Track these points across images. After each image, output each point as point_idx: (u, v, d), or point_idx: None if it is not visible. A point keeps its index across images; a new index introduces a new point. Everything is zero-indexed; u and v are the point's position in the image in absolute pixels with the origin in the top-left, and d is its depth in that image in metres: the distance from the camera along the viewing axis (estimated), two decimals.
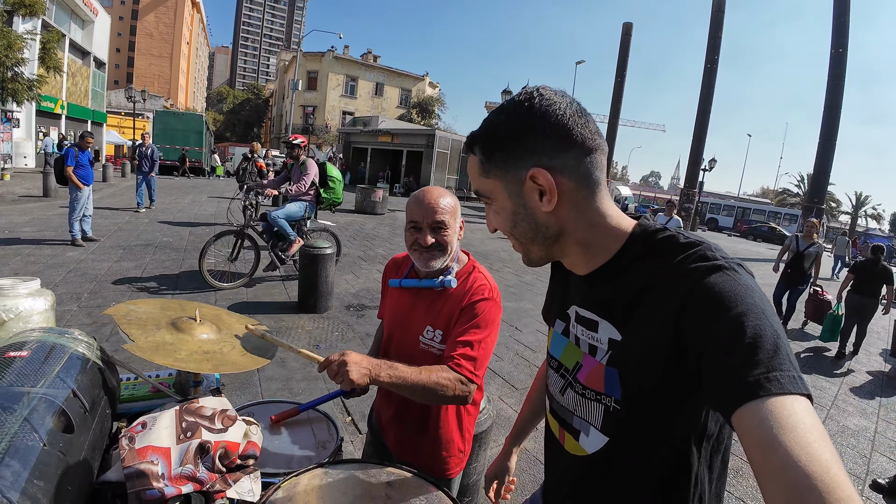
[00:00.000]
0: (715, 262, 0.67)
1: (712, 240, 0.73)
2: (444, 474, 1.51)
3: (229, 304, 5.16)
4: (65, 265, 5.99)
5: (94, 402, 1.06)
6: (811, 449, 0.48)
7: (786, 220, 33.79)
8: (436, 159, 25.52)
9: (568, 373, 0.88)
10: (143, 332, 1.20)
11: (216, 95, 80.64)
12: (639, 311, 0.73)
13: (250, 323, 1.49)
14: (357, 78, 43.72)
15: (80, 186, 7.04)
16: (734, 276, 0.64)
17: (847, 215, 54.36)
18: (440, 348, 1.40)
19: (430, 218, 1.34)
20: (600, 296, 0.81)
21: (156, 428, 1.05)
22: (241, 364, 1.20)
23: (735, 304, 0.61)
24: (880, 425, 4.18)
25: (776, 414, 0.51)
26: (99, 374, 1.13)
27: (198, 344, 1.21)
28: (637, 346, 0.72)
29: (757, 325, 0.58)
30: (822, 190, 19.15)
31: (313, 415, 1.55)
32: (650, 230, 0.77)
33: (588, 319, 0.83)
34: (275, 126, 54.55)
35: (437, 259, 1.37)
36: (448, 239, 1.37)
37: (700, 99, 23.51)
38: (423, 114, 45.94)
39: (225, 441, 1.07)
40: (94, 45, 26.14)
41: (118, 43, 69.27)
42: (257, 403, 1.56)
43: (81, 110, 24.98)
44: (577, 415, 0.85)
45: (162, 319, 1.28)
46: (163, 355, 1.11)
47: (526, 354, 4.78)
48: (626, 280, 0.76)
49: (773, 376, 0.54)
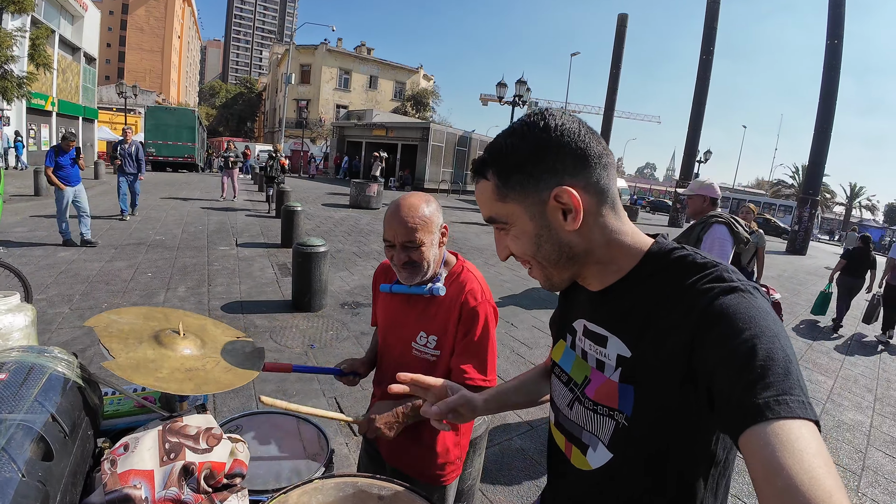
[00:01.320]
0: (731, 283, 0.67)
1: None
2: (439, 481, 1.50)
3: (222, 304, 5.13)
4: (56, 266, 5.94)
5: (75, 425, 1.03)
6: (815, 474, 0.48)
7: (780, 212, 33.97)
8: (431, 152, 25.45)
9: (577, 387, 0.87)
10: (125, 346, 1.17)
11: (208, 90, 79.91)
12: (652, 329, 0.72)
13: (236, 335, 1.47)
14: (351, 71, 43.43)
15: (61, 187, 6.98)
16: (749, 299, 0.64)
17: (842, 206, 54.63)
18: (434, 354, 1.39)
19: (400, 237, 1.30)
20: (612, 312, 0.81)
21: (138, 450, 1.03)
22: (226, 382, 1.17)
23: (748, 325, 0.60)
24: (875, 419, 4.20)
25: (783, 437, 0.51)
26: (79, 393, 1.10)
27: (180, 360, 1.18)
28: (651, 364, 0.72)
29: (769, 348, 0.58)
30: (817, 181, 19.14)
31: (303, 426, 1.52)
32: (666, 249, 0.78)
33: (597, 334, 0.83)
34: (268, 120, 54.21)
35: (415, 276, 1.35)
36: (422, 256, 1.32)
37: (695, 90, 23.47)
38: (418, 107, 45.72)
39: (210, 461, 1.05)
40: (84, 40, 25.79)
41: (108, 38, 68.38)
42: (246, 415, 1.53)
43: (72, 107, 24.69)
44: (587, 429, 0.83)
45: (144, 332, 1.25)
46: (143, 374, 1.08)
47: (521, 351, 4.77)
48: (639, 297, 0.76)
49: (782, 399, 0.54)
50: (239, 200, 14.56)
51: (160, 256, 6.86)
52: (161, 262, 6.55)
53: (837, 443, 3.68)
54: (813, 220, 19.02)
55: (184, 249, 7.41)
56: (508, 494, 2.64)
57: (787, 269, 13.75)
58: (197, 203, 12.94)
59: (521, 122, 0.78)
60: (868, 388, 4.96)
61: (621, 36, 25.82)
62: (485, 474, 2.71)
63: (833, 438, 3.73)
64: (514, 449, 3.07)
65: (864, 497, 3.02)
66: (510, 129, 0.78)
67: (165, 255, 6.94)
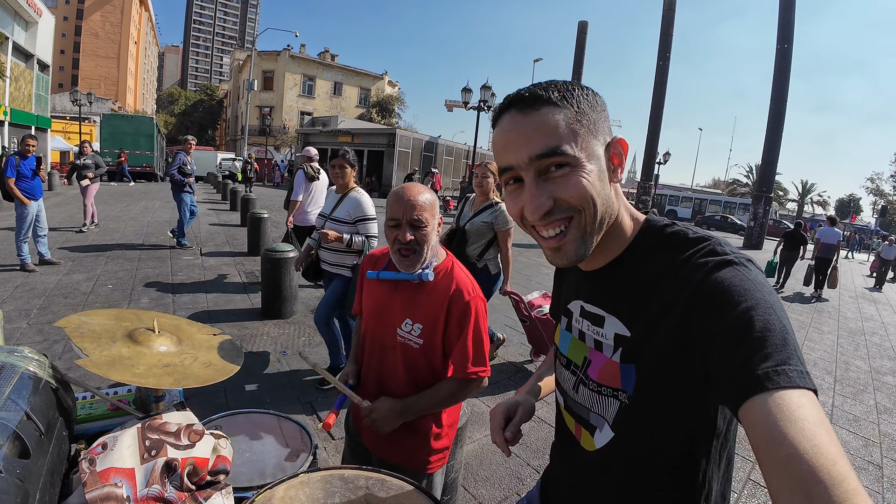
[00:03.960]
0: (725, 256, 0.67)
1: None
2: (424, 468, 1.50)
3: (189, 314, 4.99)
4: (11, 280, 5.65)
5: (50, 425, 1.00)
6: (818, 441, 0.48)
7: (740, 210, 35.36)
8: (398, 158, 25.43)
9: (578, 369, 0.87)
10: (98, 345, 1.14)
11: (167, 97, 77.67)
12: (649, 307, 0.72)
13: (215, 332, 1.44)
14: (315, 77, 42.97)
15: (25, 202, 6.03)
16: (744, 271, 0.64)
17: (794, 203, 57.23)
18: (417, 342, 1.41)
19: (408, 215, 1.35)
20: (608, 291, 0.80)
21: (117, 448, 1.00)
22: (205, 377, 1.15)
23: (744, 298, 0.60)
24: (837, 399, 4.44)
25: (784, 407, 0.51)
26: (52, 393, 1.06)
27: (157, 357, 1.16)
28: (650, 342, 0.71)
29: (766, 318, 0.58)
30: (770, 179, 20.06)
31: (284, 423, 1.51)
32: (659, 225, 0.77)
33: (594, 314, 0.82)
34: (230, 128, 53.00)
35: (415, 263, 1.39)
36: (426, 238, 1.38)
37: (654, 95, 24.20)
38: (384, 113, 45.60)
39: (193, 457, 1.03)
40: (38, 46, 24.59)
41: (62, 44, 65.58)
42: (225, 415, 1.50)
43: (25, 116, 23.50)
44: (594, 411, 0.83)
45: (117, 332, 1.22)
46: (120, 371, 1.06)
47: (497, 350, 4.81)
48: (634, 275, 0.76)
49: (781, 370, 0.54)
50: (93, 231, 9.20)
51: (121, 267, 6.61)
52: (122, 274, 6.31)
53: None
54: (767, 216, 19.85)
55: (145, 260, 7.15)
56: (490, 488, 2.66)
57: None
58: (158, 213, 12.53)
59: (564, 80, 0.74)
60: (828, 371, 5.24)
61: (582, 43, 26.44)
62: (465, 469, 2.72)
63: None
64: (493, 444, 3.10)
65: (874, 496, 3.13)
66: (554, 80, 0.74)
67: (126, 267, 6.68)
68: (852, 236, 31.78)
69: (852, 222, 39.14)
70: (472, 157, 20.73)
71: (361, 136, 27.96)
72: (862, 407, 4.35)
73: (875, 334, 7.37)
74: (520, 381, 4.08)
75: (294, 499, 1.06)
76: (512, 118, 0.71)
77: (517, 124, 0.70)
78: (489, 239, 3.73)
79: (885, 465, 3.35)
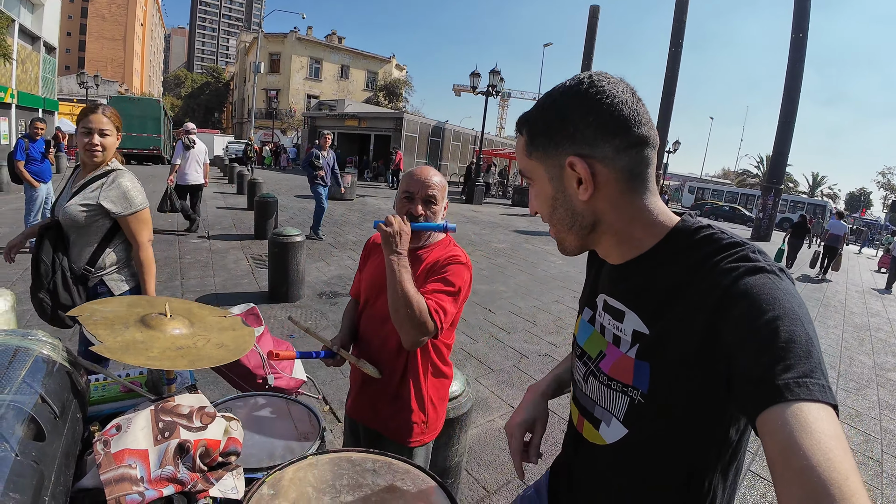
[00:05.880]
0: (756, 263, 0.66)
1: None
2: (405, 440, 1.53)
3: (197, 297, 5.03)
4: (21, 262, 5.67)
5: (64, 407, 1.02)
6: (832, 455, 0.48)
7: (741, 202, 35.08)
8: (405, 143, 25.30)
9: (591, 361, 0.88)
10: (111, 331, 1.15)
11: (173, 79, 77.40)
12: (673, 307, 0.71)
13: (225, 314, 1.46)
14: (321, 60, 42.65)
15: (35, 185, 6.04)
16: (774, 280, 0.64)
17: (805, 194, 56.74)
18: None
19: (423, 191, 1.47)
20: (631, 286, 0.80)
21: (131, 430, 1.02)
22: (218, 357, 1.17)
23: (772, 307, 0.60)
24: (840, 394, 4.44)
25: (801, 419, 0.51)
26: (67, 376, 1.08)
27: (170, 340, 1.17)
28: (670, 342, 0.71)
29: (792, 329, 0.57)
30: (781, 171, 19.80)
31: (293, 405, 1.53)
32: (692, 227, 0.76)
33: (615, 309, 0.83)
34: (237, 111, 52.89)
35: (420, 237, 1.49)
36: (435, 214, 1.49)
37: (665, 82, 23.86)
38: (391, 97, 45.28)
39: (205, 439, 1.05)
40: (44, 29, 24.53)
41: (69, 26, 65.16)
42: (236, 398, 1.53)
43: (32, 98, 23.53)
44: (600, 404, 0.84)
45: (130, 318, 1.23)
46: (134, 354, 1.07)
47: (500, 336, 4.84)
48: (660, 274, 0.75)
49: (802, 382, 0.53)
50: None
51: None
52: None
53: None
54: (776, 208, 19.64)
55: (155, 243, 7.16)
56: (493, 473, 2.70)
57: None
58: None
59: (564, 83, 0.78)
60: (831, 366, 5.23)
61: (593, 28, 26.04)
62: (469, 454, 2.76)
63: None
64: (497, 429, 3.13)
65: None
66: (553, 88, 0.79)
67: None
68: (861, 231, 31.56)
69: (862, 216, 38.63)
70: (480, 143, 20.59)
71: (368, 119, 27.82)
72: (864, 402, 4.35)
73: (880, 330, 7.34)
74: (524, 368, 4.11)
75: (303, 480, 1.08)
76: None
77: (516, 142, 0.88)
78: (105, 231, 2.28)
79: (886, 462, 3.36)
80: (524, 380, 3.88)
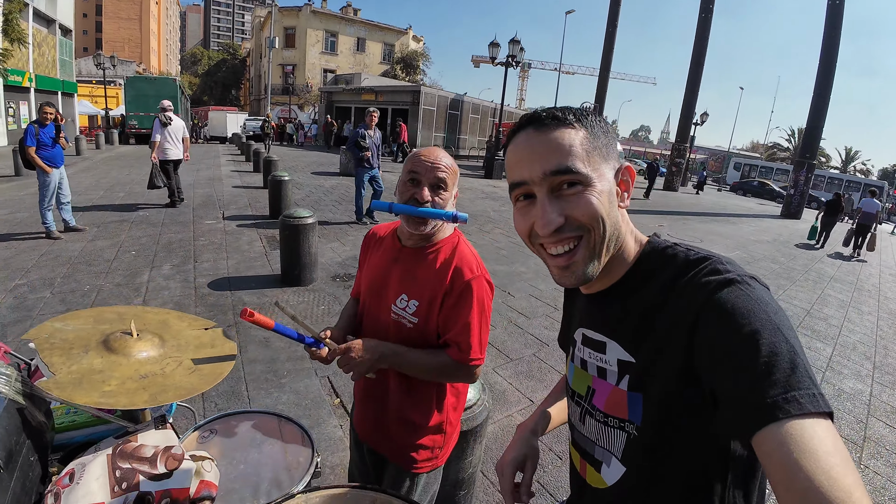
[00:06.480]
0: (727, 275, 0.64)
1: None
2: (409, 467, 1.36)
3: (209, 281, 4.97)
4: (37, 248, 5.71)
5: (11, 454, 0.88)
6: (833, 473, 0.47)
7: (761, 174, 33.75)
8: (422, 117, 24.88)
9: (583, 399, 0.84)
10: (67, 358, 1.01)
11: (190, 57, 77.29)
12: (652, 332, 0.70)
13: (207, 325, 1.31)
14: (337, 33, 42.00)
15: (46, 170, 5.98)
16: (747, 290, 0.62)
17: (836, 170, 54.54)
18: (412, 321, 1.28)
19: (431, 174, 1.25)
20: (608, 316, 0.78)
21: (85, 480, 0.89)
22: (188, 387, 1.02)
23: (748, 320, 0.58)
24: (875, 388, 4.15)
25: (797, 437, 0.50)
26: (18, 415, 0.94)
27: (134, 367, 1.03)
28: (654, 369, 0.68)
29: (772, 342, 0.56)
30: (815, 144, 18.75)
31: (285, 426, 1.39)
32: (661, 247, 0.76)
33: (595, 341, 0.80)
34: (254, 87, 52.70)
35: (426, 224, 1.27)
36: (444, 201, 1.27)
37: (693, 51, 22.81)
38: (408, 70, 44.46)
39: (169, 490, 0.91)
40: (59, 11, 24.51)
41: (84, 7, 65.10)
42: (222, 416, 1.39)
43: (51, 81, 23.71)
44: (599, 444, 0.80)
45: (93, 338, 1.09)
46: (86, 390, 0.93)
47: (520, 321, 4.67)
48: (635, 299, 0.74)
49: (791, 397, 0.52)
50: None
51: (144, 233, 6.64)
52: (145, 240, 6.34)
53: (838, 412, 3.62)
54: (808, 183, 18.72)
55: (169, 225, 7.17)
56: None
57: (781, 234, 13.69)
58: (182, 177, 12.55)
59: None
60: (866, 356, 4.91)
61: None
62: (485, 453, 2.62)
63: (833, 407, 3.68)
64: (514, 425, 2.99)
65: (867, 469, 2.97)
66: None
67: (150, 232, 6.71)
68: (894, 208, 30.26)
69: (894, 194, 36.78)
70: (500, 115, 20.08)
71: (385, 93, 27.36)
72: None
73: None
74: (545, 357, 3.94)
75: None
76: (528, 135, 0.73)
77: (532, 141, 0.73)
78: None
79: None
80: (544, 370, 3.72)
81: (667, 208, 16.07)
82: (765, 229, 14.19)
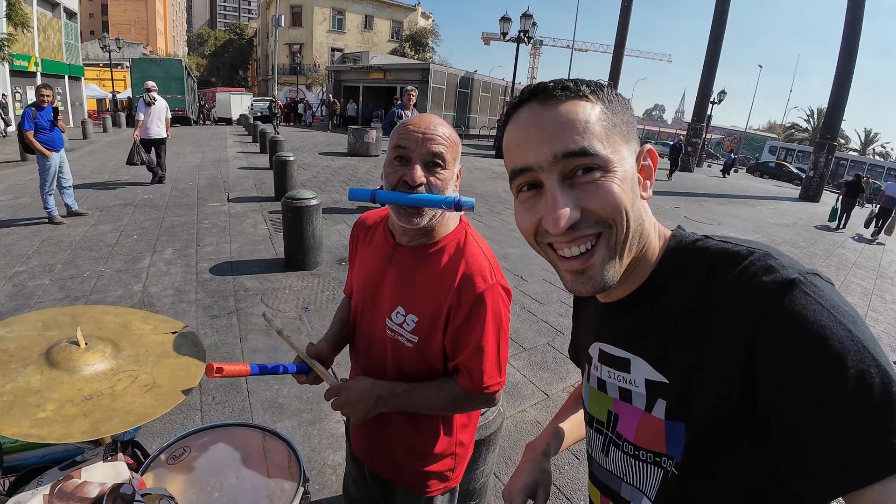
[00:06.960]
0: (783, 274, 0.51)
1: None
2: (422, 491, 1.18)
3: (211, 265, 4.83)
4: (39, 234, 5.61)
5: None
6: None
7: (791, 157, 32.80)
8: (432, 95, 24.47)
9: (604, 426, 0.71)
10: (3, 376, 0.84)
11: (196, 38, 76.68)
12: (688, 346, 0.57)
13: (176, 328, 1.14)
14: (344, 11, 41.25)
15: (46, 154, 5.85)
16: (816, 295, 0.49)
17: (855, 152, 53.07)
18: (411, 339, 1.05)
19: (424, 147, 0.97)
20: (630, 326, 0.65)
21: None
22: (139, 411, 0.84)
23: (825, 339, 0.46)
24: None
25: None
26: None
27: (78, 385, 0.86)
28: (697, 392, 0.56)
29: (860, 369, 0.44)
30: (836, 125, 17.98)
31: (270, 441, 1.22)
32: (689, 241, 0.63)
33: (615, 357, 0.68)
34: (261, 68, 52.19)
35: (422, 215, 0.99)
36: (444, 185, 0.99)
37: (712, 27, 21.98)
38: (417, 47, 43.71)
39: None
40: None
41: None
42: (199, 430, 1.22)
43: (57, 65, 23.54)
44: (626, 481, 0.67)
45: (35, 348, 0.92)
46: (16, 417, 0.76)
47: (533, 308, 4.48)
48: (663, 306, 0.61)
49: (893, 444, 0.42)
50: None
51: (147, 217, 6.51)
52: (148, 223, 6.21)
53: None
54: (829, 165, 18.07)
55: (172, 208, 7.04)
56: None
57: (801, 217, 13.30)
58: (188, 159, 12.43)
59: None
60: (892, 348, 4.66)
61: None
62: (498, 452, 2.47)
63: None
64: (528, 421, 2.83)
65: None
66: None
67: (153, 216, 6.58)
68: None
69: None
70: (511, 94, 19.65)
71: (394, 72, 26.90)
72: None
73: None
74: (560, 346, 3.76)
75: None
76: (531, 111, 0.60)
77: (538, 117, 0.59)
78: None
79: None
80: (560, 360, 3.54)
81: (684, 189, 15.66)
82: (784, 212, 13.78)
